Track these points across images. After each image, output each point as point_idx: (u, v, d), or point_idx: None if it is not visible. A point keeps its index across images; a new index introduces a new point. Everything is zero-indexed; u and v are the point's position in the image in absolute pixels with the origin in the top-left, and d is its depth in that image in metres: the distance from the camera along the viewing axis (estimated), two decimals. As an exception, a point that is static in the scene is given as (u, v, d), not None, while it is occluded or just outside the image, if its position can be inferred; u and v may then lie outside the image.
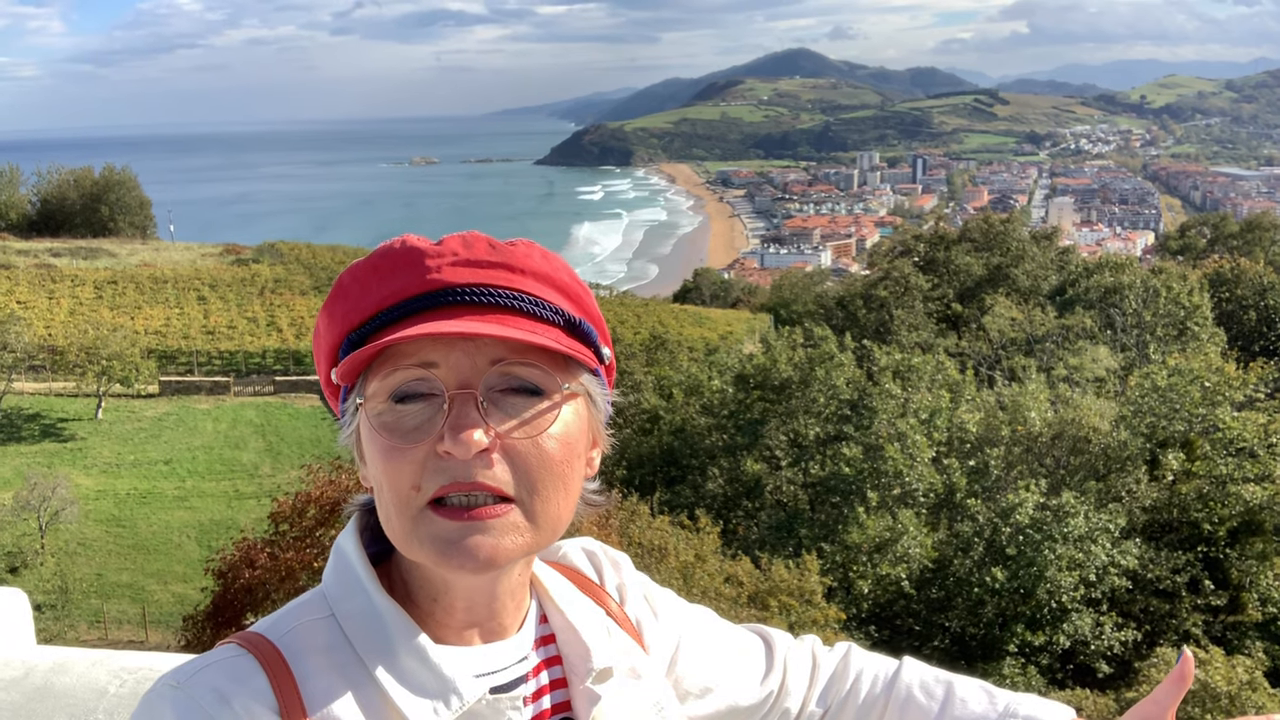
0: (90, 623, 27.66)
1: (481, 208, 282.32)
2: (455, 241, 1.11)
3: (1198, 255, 64.65)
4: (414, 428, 1.06)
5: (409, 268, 1.10)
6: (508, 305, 1.08)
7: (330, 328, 1.14)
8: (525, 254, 1.12)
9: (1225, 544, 23.83)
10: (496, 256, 1.11)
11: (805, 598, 19.62)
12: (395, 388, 1.07)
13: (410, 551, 1.07)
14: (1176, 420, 25.75)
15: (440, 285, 1.08)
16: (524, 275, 1.11)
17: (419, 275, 1.09)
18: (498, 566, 1.06)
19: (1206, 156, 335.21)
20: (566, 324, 1.12)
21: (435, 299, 1.08)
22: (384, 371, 1.07)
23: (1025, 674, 21.39)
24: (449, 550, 1.04)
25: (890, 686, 1.40)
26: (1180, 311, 40.29)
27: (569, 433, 1.10)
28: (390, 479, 1.06)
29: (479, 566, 1.05)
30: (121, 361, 41.50)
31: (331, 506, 17.72)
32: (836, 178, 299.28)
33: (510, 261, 1.11)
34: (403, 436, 1.06)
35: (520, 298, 1.09)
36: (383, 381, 1.07)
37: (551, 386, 1.08)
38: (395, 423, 1.06)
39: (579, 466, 1.13)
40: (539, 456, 1.07)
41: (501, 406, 1.06)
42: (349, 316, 1.12)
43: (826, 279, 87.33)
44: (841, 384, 27.34)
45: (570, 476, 1.11)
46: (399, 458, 1.05)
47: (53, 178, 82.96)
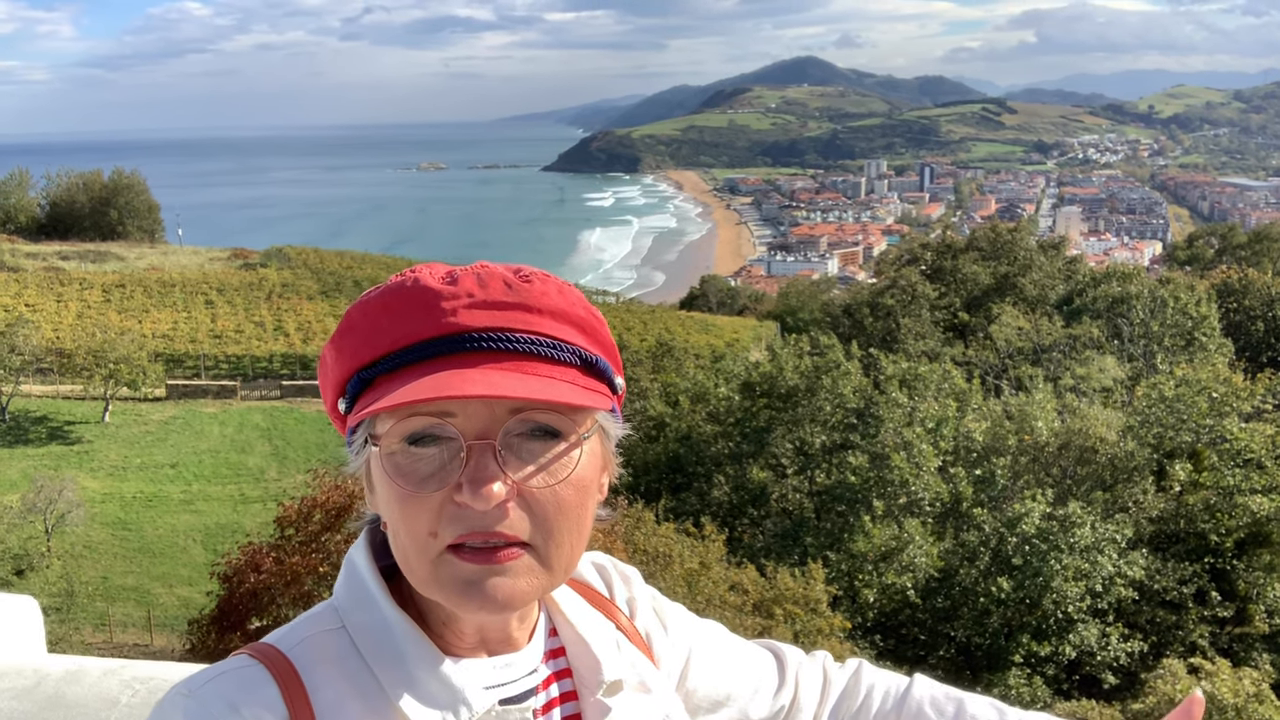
0: (95, 625, 27.67)
1: (492, 214, 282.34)
2: (470, 280, 1.09)
3: (1205, 265, 64.56)
4: (430, 474, 1.05)
5: (423, 309, 1.08)
6: (525, 350, 1.07)
7: (339, 363, 1.13)
8: (541, 291, 1.11)
9: (1232, 555, 23.75)
10: (512, 297, 1.09)
11: (810, 606, 19.58)
12: (411, 431, 1.05)
13: (429, 592, 1.08)
14: (1184, 431, 25.68)
15: (456, 330, 1.07)
16: (541, 315, 1.09)
17: (434, 319, 1.07)
18: (514, 609, 1.07)
19: (1215, 167, 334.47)
20: (583, 363, 1.12)
21: (451, 344, 1.06)
22: (399, 413, 1.06)
23: (1031, 684, 21.34)
24: (469, 591, 1.04)
25: (901, 703, 1.40)
26: (1188, 322, 40.20)
27: (584, 475, 1.10)
28: (407, 525, 1.06)
29: (498, 608, 1.06)
30: (129, 365, 41.61)
31: (337, 511, 17.73)
32: (844, 186, 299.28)
33: (527, 301, 1.09)
34: (419, 483, 1.05)
35: (538, 342, 1.08)
36: (398, 423, 1.06)
37: (569, 429, 1.08)
38: (410, 467, 1.05)
39: (592, 506, 1.13)
40: (555, 504, 1.07)
41: (519, 453, 1.06)
42: (359, 354, 1.10)
43: (833, 287, 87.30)
44: (848, 392, 27.31)
45: (584, 518, 1.11)
46: (415, 504, 1.05)
47: (62, 181, 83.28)
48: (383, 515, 1.11)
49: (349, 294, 62.00)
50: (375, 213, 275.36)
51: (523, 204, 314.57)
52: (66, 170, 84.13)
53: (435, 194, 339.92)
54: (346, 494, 17.69)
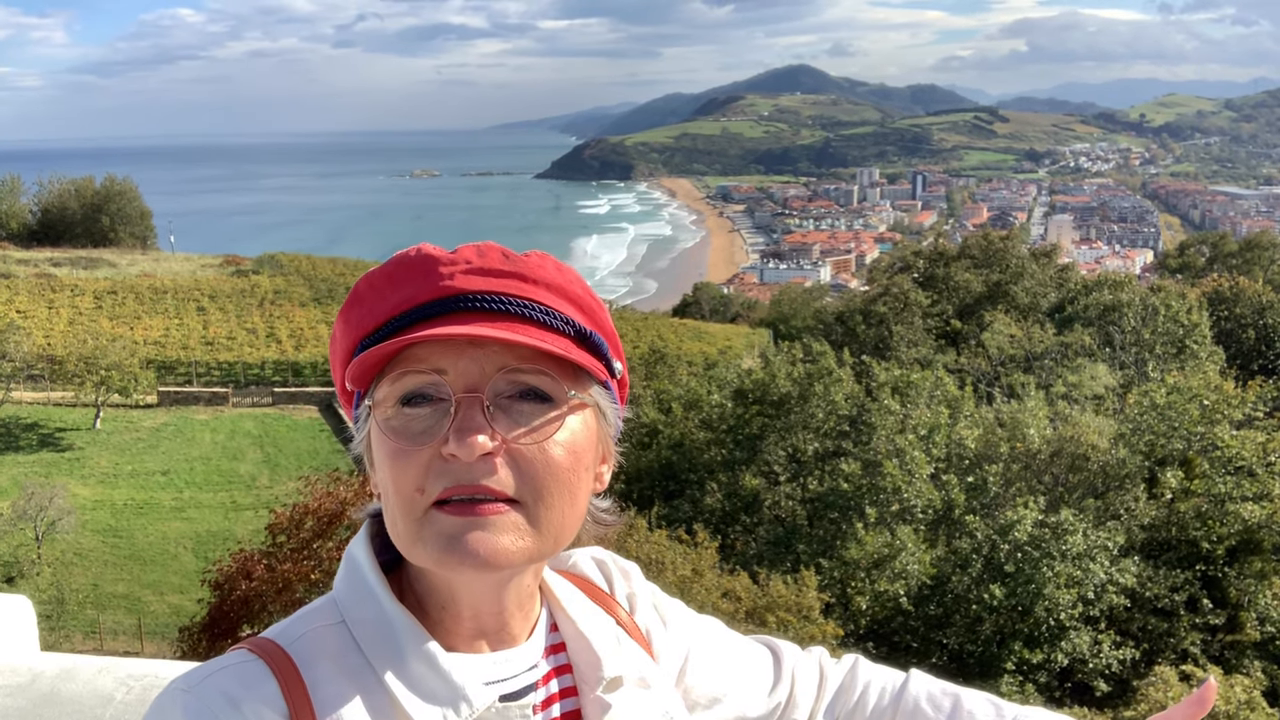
0: (86, 633, 27.59)
1: (486, 221, 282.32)
2: (469, 250, 1.12)
3: (1196, 274, 64.69)
4: (420, 431, 1.07)
5: (423, 275, 1.11)
6: (519, 314, 1.09)
7: (345, 333, 1.16)
8: (539, 265, 1.13)
9: (1224, 563, 23.77)
10: (510, 266, 1.12)
11: (803, 614, 19.57)
12: (404, 392, 1.08)
13: (414, 553, 1.08)
14: (1175, 438, 25.73)
15: (453, 292, 1.09)
16: (537, 285, 1.12)
17: (432, 282, 1.10)
18: (498, 567, 1.06)
19: (1205, 175, 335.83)
20: (577, 335, 1.13)
21: (448, 305, 1.09)
22: (394, 375, 1.08)
23: (1023, 691, 21.32)
24: (450, 546, 1.04)
25: (898, 699, 1.40)
26: (1179, 330, 40.30)
27: (576, 441, 1.10)
28: (395, 481, 1.07)
29: (479, 563, 1.04)
30: (120, 371, 41.52)
31: (329, 519, 17.70)
32: (836, 194, 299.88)
33: (523, 271, 1.12)
34: (409, 439, 1.06)
35: (532, 306, 1.10)
36: (392, 385, 1.08)
37: (559, 394, 1.09)
38: (402, 426, 1.07)
39: (586, 477, 1.13)
40: (544, 462, 1.07)
41: (509, 413, 1.07)
42: (363, 322, 1.13)
43: (826, 294, 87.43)
44: (840, 400, 27.33)
45: (576, 485, 1.11)
46: (404, 460, 1.06)
47: (54, 187, 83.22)
48: (379, 485, 1.12)
49: (341, 301, 61.61)
50: (372, 220, 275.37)
51: (516, 211, 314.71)
52: (58, 176, 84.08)
53: (430, 201, 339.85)
54: (338, 500, 17.67)
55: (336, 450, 42.10)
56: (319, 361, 50.72)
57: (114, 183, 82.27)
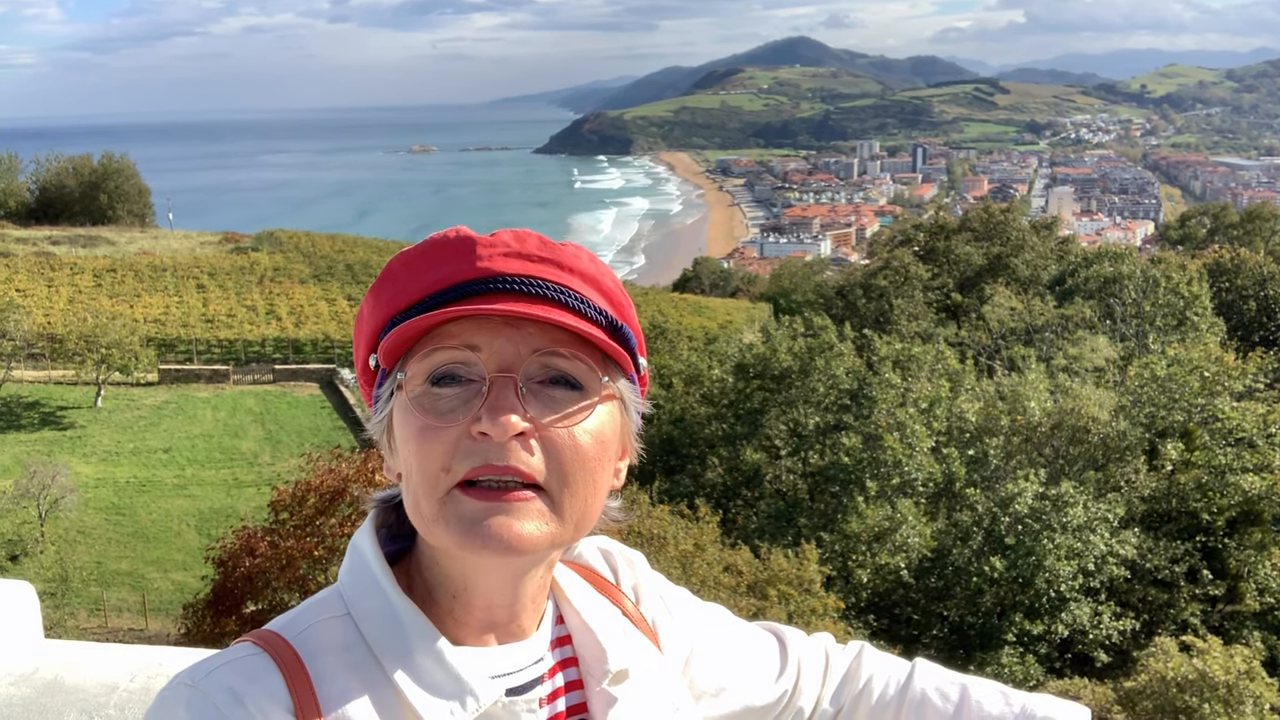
0: (90, 610, 27.70)
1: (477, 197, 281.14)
2: (507, 235, 1.12)
3: (1197, 245, 64.63)
4: (449, 410, 1.06)
5: (460, 255, 1.10)
6: (555, 299, 1.09)
7: (375, 311, 1.14)
8: (574, 255, 1.13)
9: (1224, 534, 23.86)
10: (547, 253, 1.11)
11: (804, 587, 19.64)
12: (435, 368, 1.07)
13: (434, 534, 1.07)
14: (1175, 410, 25.76)
15: (490, 273, 1.08)
16: (572, 274, 1.11)
17: (469, 263, 1.09)
18: (520, 552, 1.05)
19: (1207, 146, 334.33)
20: (609, 326, 1.12)
21: (484, 285, 1.08)
22: (425, 351, 1.07)
23: (1023, 663, 21.45)
24: (473, 530, 1.04)
25: (905, 689, 1.40)
26: (1180, 301, 40.27)
27: (604, 431, 1.10)
28: (420, 459, 1.06)
29: (502, 549, 1.04)
30: (121, 350, 41.51)
31: (331, 495, 17.74)
32: (836, 167, 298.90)
33: (560, 259, 1.11)
34: (438, 416, 1.06)
35: (567, 293, 1.10)
36: (423, 362, 1.07)
37: (592, 382, 1.09)
38: (430, 404, 1.06)
39: (609, 470, 1.13)
40: (574, 448, 1.07)
41: (540, 397, 1.07)
42: (395, 300, 1.12)
43: (826, 268, 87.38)
44: (841, 373, 27.33)
45: (600, 474, 1.11)
46: (432, 437, 1.05)
47: (51, 165, 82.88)
48: (400, 464, 1.11)
49: (340, 278, 61.87)
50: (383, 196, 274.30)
51: (513, 187, 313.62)
52: (56, 154, 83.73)
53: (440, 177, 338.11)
54: (340, 477, 17.70)
55: (338, 427, 42.15)
56: (319, 339, 50.71)
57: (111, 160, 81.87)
